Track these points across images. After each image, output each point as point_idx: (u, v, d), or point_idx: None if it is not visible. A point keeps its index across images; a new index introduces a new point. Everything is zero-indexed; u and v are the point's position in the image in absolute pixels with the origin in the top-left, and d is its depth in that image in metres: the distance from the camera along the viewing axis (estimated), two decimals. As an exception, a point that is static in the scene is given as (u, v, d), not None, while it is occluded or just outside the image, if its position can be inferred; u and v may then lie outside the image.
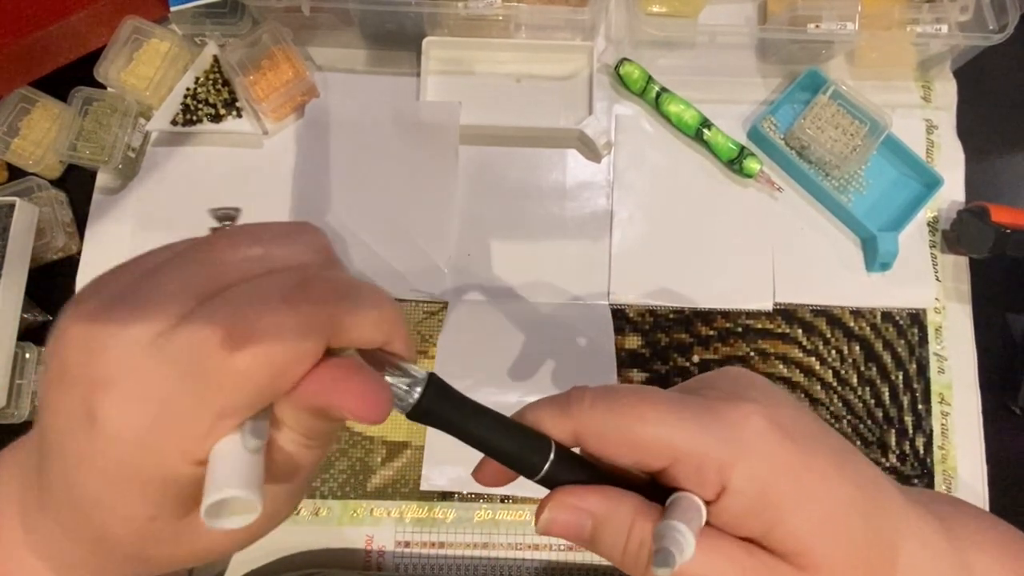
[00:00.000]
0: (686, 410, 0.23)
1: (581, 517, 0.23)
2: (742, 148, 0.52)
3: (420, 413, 0.22)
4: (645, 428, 0.22)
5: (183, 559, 0.23)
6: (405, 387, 0.22)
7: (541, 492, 0.24)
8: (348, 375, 0.20)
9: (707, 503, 0.22)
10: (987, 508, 0.49)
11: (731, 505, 0.22)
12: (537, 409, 0.25)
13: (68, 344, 0.19)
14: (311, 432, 0.21)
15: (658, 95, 0.53)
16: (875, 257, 0.51)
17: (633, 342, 0.51)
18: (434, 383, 0.22)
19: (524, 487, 0.48)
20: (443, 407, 0.23)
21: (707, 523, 0.22)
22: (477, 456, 0.26)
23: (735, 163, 0.52)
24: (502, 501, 0.48)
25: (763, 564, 0.22)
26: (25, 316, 0.48)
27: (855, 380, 0.51)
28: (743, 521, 0.22)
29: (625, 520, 0.23)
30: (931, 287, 0.52)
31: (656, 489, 0.23)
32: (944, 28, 0.51)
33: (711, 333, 0.52)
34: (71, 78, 0.52)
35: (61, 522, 0.22)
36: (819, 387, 0.51)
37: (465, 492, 0.48)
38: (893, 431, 0.50)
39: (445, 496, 0.48)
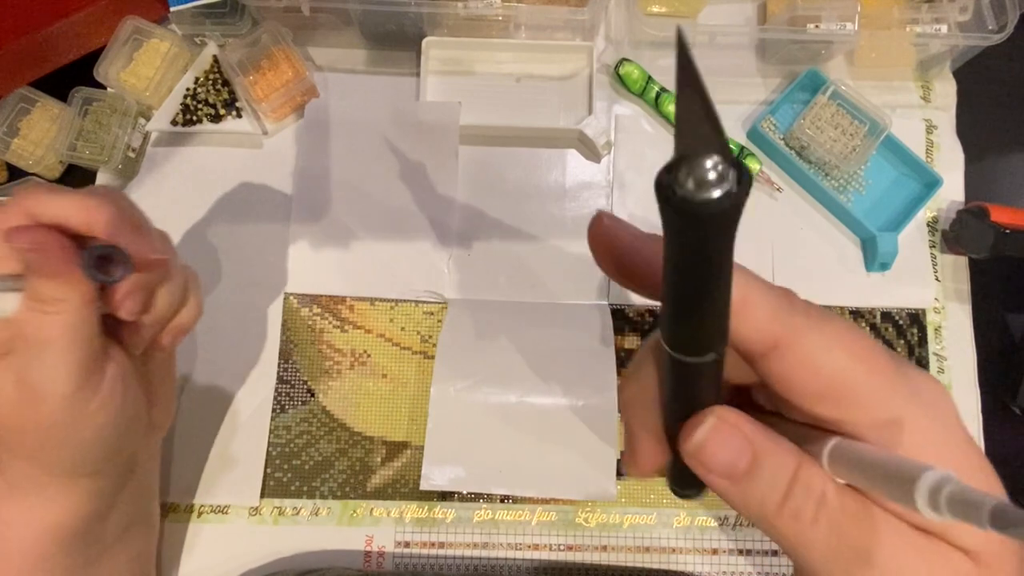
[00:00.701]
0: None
1: (743, 445, 0.19)
2: (741, 148, 0.52)
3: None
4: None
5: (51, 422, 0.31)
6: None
7: (540, 493, 0.24)
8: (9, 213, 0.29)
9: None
10: (987, 508, 0.49)
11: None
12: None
13: None
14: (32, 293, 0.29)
15: (658, 95, 0.53)
16: (875, 257, 0.51)
17: (633, 342, 0.51)
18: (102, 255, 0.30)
19: (525, 487, 0.47)
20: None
21: None
22: (477, 456, 0.25)
23: (735, 163, 0.52)
24: (502, 501, 0.48)
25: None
26: (25, 316, 0.48)
27: (855, 380, 0.51)
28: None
29: (790, 462, 0.19)
30: (930, 287, 0.52)
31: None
32: (943, 28, 0.51)
33: (711, 333, 0.51)
34: (71, 78, 0.52)
35: None
36: (819, 387, 0.51)
37: (465, 492, 0.48)
38: (893, 431, 0.50)
39: (445, 496, 0.48)
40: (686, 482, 0.23)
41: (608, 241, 0.20)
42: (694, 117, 0.13)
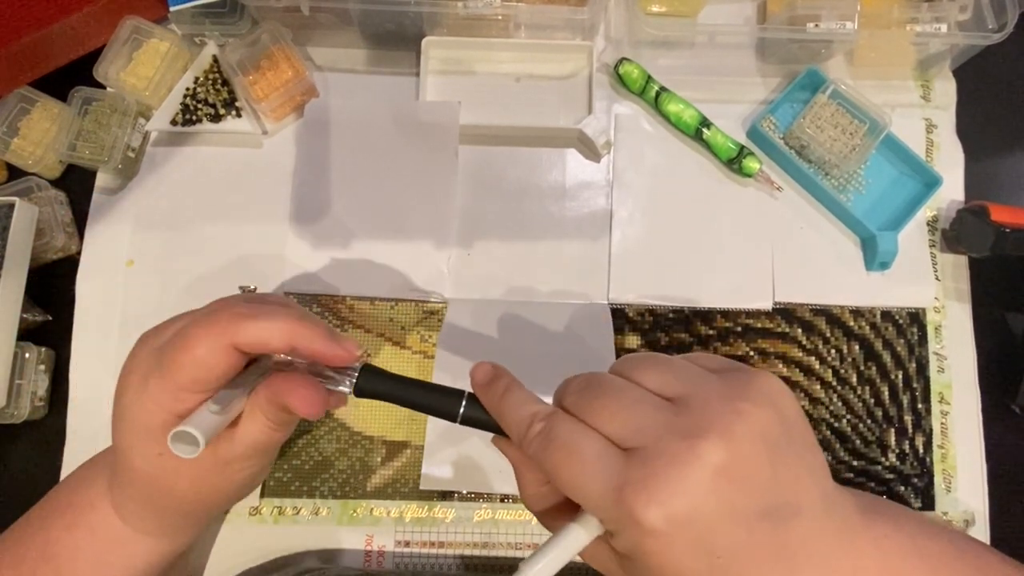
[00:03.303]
0: (606, 471, 0.26)
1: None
2: (741, 147, 0.52)
3: (359, 391, 0.34)
4: (562, 480, 0.27)
5: (204, 497, 0.37)
6: (349, 377, 0.34)
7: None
8: (291, 381, 0.33)
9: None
10: (986, 508, 0.49)
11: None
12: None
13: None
14: (277, 420, 0.34)
15: (657, 95, 0.53)
16: (874, 256, 0.51)
17: (633, 342, 0.51)
18: (365, 369, 0.34)
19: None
20: (375, 383, 0.34)
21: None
22: (477, 456, 0.28)
23: (734, 162, 0.52)
24: (502, 501, 0.48)
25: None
26: (25, 316, 0.48)
27: (855, 379, 0.51)
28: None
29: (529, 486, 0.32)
30: (931, 286, 0.52)
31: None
32: (943, 27, 0.51)
33: (711, 332, 0.52)
34: (71, 78, 0.52)
35: (123, 488, 0.36)
36: (818, 386, 0.51)
37: (465, 492, 0.48)
38: (893, 430, 0.50)
39: (445, 496, 0.48)
40: None
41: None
42: None
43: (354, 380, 0.34)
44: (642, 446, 0.25)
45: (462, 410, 0.32)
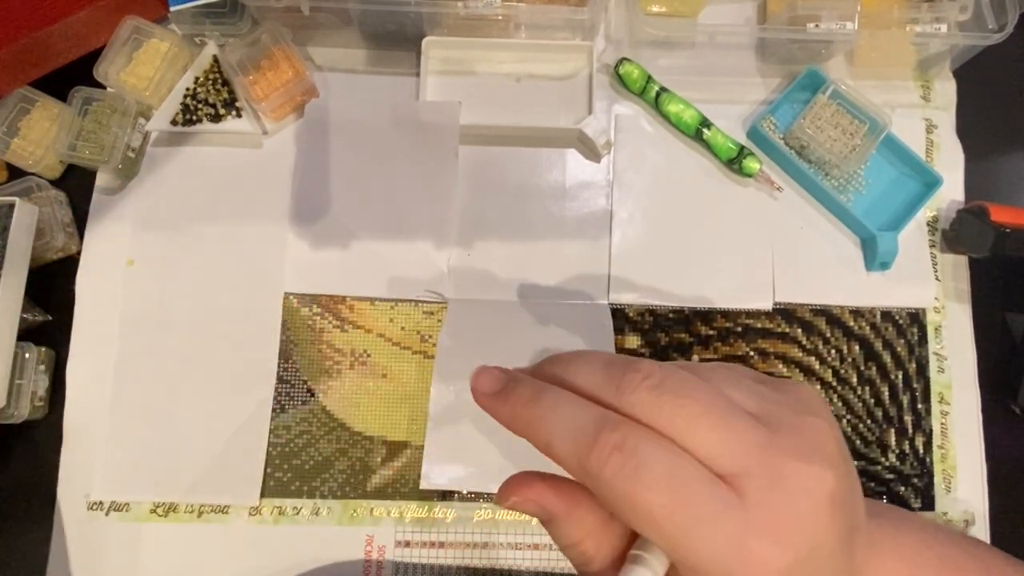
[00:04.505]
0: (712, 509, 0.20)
1: (541, 512, 0.23)
2: (742, 148, 0.52)
3: None
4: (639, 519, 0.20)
5: None
6: None
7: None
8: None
9: None
10: (986, 508, 0.49)
11: None
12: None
13: None
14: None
15: (658, 95, 0.53)
16: (875, 257, 0.51)
17: (633, 342, 0.51)
18: None
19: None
20: None
21: None
22: (477, 456, 0.26)
23: (735, 163, 0.52)
24: (502, 501, 0.48)
25: None
26: (25, 316, 0.48)
27: (855, 379, 0.51)
28: None
29: (572, 536, 0.23)
30: (931, 287, 0.52)
31: None
32: (943, 27, 0.51)
33: (711, 333, 0.52)
34: (71, 78, 0.52)
35: None
36: (819, 386, 0.51)
37: (465, 492, 0.48)
38: (893, 430, 0.50)
39: (445, 496, 0.48)
40: None
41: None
42: None
43: None
44: (744, 472, 0.20)
45: None
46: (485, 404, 0.24)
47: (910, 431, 0.50)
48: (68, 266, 0.52)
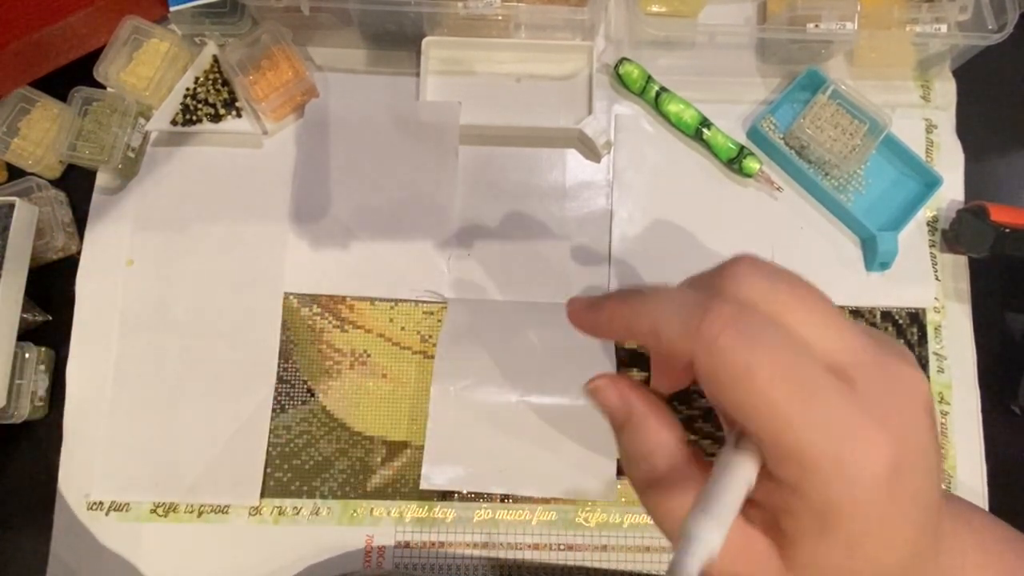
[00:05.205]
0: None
1: (621, 407, 0.24)
2: (741, 148, 0.52)
3: None
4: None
5: None
6: None
7: (540, 493, 0.24)
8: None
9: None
10: (986, 508, 0.49)
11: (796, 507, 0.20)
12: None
13: None
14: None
15: (658, 95, 0.53)
16: (874, 257, 0.51)
17: (633, 341, 0.51)
18: None
19: (524, 487, 0.47)
20: None
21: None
22: (477, 456, 0.26)
23: (735, 163, 0.52)
24: (502, 501, 0.48)
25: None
26: (25, 316, 0.48)
27: (855, 380, 0.51)
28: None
29: (646, 444, 0.23)
30: (930, 286, 0.52)
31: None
32: (943, 28, 0.51)
33: (711, 333, 0.51)
34: (71, 78, 0.52)
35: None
36: (819, 387, 0.51)
37: (465, 492, 0.48)
38: (893, 430, 0.50)
39: (445, 496, 0.48)
40: None
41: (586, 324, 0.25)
42: None
43: None
44: (858, 364, 0.20)
45: None
46: (579, 316, 0.26)
47: (910, 431, 0.50)
48: (68, 266, 0.52)
